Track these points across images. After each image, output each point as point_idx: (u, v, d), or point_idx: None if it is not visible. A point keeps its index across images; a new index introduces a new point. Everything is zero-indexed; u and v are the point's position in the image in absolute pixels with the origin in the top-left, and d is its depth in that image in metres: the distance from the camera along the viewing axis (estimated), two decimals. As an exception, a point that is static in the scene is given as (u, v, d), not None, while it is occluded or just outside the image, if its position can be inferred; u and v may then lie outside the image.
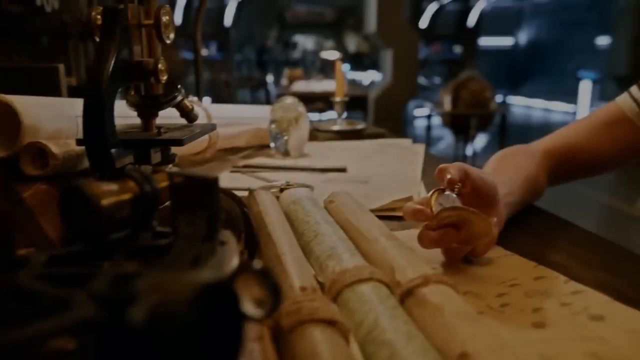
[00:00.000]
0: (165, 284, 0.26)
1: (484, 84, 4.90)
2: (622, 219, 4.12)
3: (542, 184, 0.80)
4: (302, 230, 0.62)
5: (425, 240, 0.57)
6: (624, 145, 0.82)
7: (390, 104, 5.26)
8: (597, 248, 0.64)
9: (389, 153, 1.18)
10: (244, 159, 1.14)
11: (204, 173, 0.39)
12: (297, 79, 5.73)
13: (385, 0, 5.12)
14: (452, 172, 0.60)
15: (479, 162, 5.45)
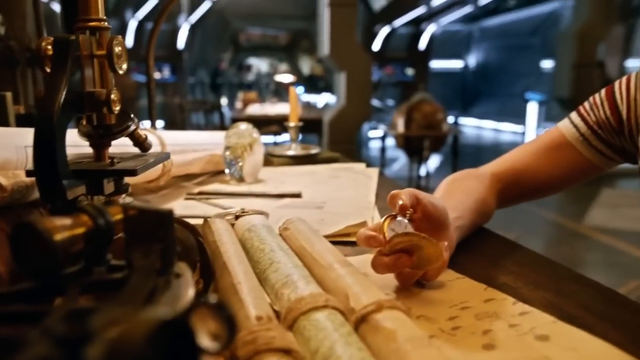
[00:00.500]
0: (122, 321, 0.26)
1: (436, 106, 5.01)
2: (570, 236, 4.25)
3: (491, 207, 0.83)
4: (258, 258, 0.62)
5: (379, 266, 0.58)
6: (566, 169, 0.85)
7: (344, 126, 5.32)
8: (544, 269, 0.67)
9: (343, 177, 1.20)
10: (198, 185, 1.14)
11: (158, 206, 0.39)
12: (251, 102, 5.74)
13: (338, 24, 5.20)
14: (404, 198, 0.61)
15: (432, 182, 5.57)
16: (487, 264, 0.69)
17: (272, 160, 1.34)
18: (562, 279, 0.63)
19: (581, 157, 0.84)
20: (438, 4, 11.68)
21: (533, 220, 4.41)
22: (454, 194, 0.78)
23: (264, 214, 0.81)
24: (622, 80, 0.83)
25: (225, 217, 0.79)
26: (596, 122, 0.83)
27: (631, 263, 3.51)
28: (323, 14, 5.34)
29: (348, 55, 5.27)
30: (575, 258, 3.70)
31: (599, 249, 3.90)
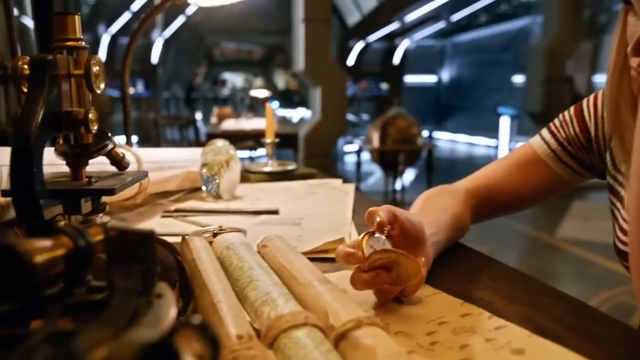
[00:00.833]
0: (107, 343, 0.26)
1: (411, 120, 5.06)
2: (543, 248, 4.31)
3: (466, 222, 0.85)
4: (237, 276, 0.62)
5: (358, 283, 0.59)
6: (538, 184, 0.87)
7: (320, 141, 5.34)
8: (518, 283, 0.68)
9: (320, 193, 1.21)
10: (175, 202, 1.14)
11: (136, 226, 0.39)
12: (226, 117, 5.73)
13: (313, 40, 5.24)
14: (381, 215, 0.62)
15: (407, 196, 5.60)
16: (463, 279, 0.70)
17: (249, 176, 1.35)
18: (536, 293, 0.64)
19: (552, 172, 0.86)
20: (411, 20, 11.85)
21: (507, 233, 4.47)
22: (430, 210, 0.79)
23: (241, 232, 0.81)
24: (589, 98, 0.85)
25: (203, 234, 0.79)
26: (566, 138, 0.85)
27: (602, 274, 3.57)
28: (298, 29, 5.38)
29: (323, 70, 5.31)
30: (548, 270, 3.76)
31: (571, 260, 3.96)
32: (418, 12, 11.06)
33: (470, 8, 11.31)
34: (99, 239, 0.43)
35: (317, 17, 5.25)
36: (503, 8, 11.93)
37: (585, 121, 0.84)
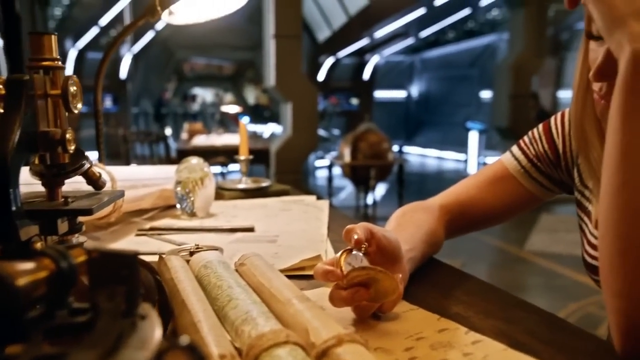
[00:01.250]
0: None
1: (382, 136, 5.11)
2: (512, 261, 4.38)
3: (440, 238, 0.86)
4: (215, 295, 0.62)
5: (337, 300, 0.59)
6: (509, 200, 0.89)
7: (291, 157, 5.35)
8: (492, 297, 0.70)
9: (295, 210, 1.21)
10: (149, 220, 1.13)
11: (121, 248, 0.40)
12: (197, 133, 5.70)
13: (283, 55, 5.27)
14: (359, 232, 0.63)
15: (379, 210, 5.63)
16: (439, 294, 0.71)
17: (223, 193, 1.35)
18: (510, 307, 0.66)
19: (523, 188, 0.89)
20: (381, 36, 12.00)
21: (477, 247, 4.53)
22: (405, 227, 0.80)
23: (218, 250, 0.81)
24: (557, 116, 0.88)
25: (179, 253, 0.79)
26: (535, 155, 0.88)
27: (570, 286, 3.64)
28: (268, 45, 5.40)
29: (294, 86, 5.33)
30: (517, 282, 3.81)
31: (540, 273, 4.03)
32: (387, 28, 11.21)
33: (439, 25, 11.52)
34: (81, 261, 0.43)
35: (287, 33, 5.29)
36: (470, 25, 12.17)
37: (554, 138, 0.86)
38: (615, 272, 0.52)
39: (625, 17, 0.51)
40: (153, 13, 1.16)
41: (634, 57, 0.51)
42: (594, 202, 0.78)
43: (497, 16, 10.90)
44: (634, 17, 0.51)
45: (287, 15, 5.26)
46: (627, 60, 0.51)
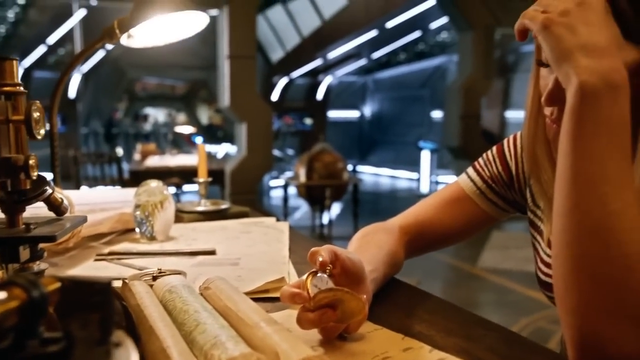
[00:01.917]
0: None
1: (336, 155, 5.16)
2: (465, 278, 4.47)
3: (401, 258, 0.88)
4: (182, 320, 0.62)
5: (304, 322, 0.60)
6: (466, 220, 0.93)
7: (246, 177, 5.34)
8: (453, 315, 0.72)
9: (255, 232, 1.22)
10: (107, 245, 1.11)
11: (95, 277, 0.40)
12: (150, 153, 5.63)
13: (238, 76, 5.28)
14: (324, 254, 0.65)
15: (334, 230, 5.64)
16: (402, 313, 0.73)
17: (182, 216, 1.34)
18: (470, 325, 0.68)
19: (478, 209, 0.92)
20: (334, 57, 12.15)
21: (432, 265, 4.60)
22: (367, 248, 0.82)
23: (181, 274, 0.81)
24: (510, 139, 0.92)
25: (142, 278, 0.79)
26: (490, 177, 0.91)
27: (521, 301, 3.74)
28: (223, 65, 5.40)
29: (248, 106, 5.34)
30: (471, 299, 3.89)
31: (492, 289, 4.12)
32: (340, 49, 11.37)
33: (390, 46, 11.75)
34: (52, 289, 0.43)
35: (242, 53, 5.31)
36: (421, 47, 12.47)
37: (507, 160, 0.90)
38: (569, 290, 0.55)
39: (572, 50, 0.55)
40: (111, 36, 1.16)
41: (580, 88, 0.54)
42: (546, 222, 0.81)
43: (447, 39, 11.20)
44: (580, 51, 0.55)
45: (241, 36, 5.29)
46: (575, 91, 0.55)
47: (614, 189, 0.54)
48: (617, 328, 0.52)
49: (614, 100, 0.54)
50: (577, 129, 0.55)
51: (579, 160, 0.55)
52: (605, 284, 0.53)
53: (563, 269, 0.56)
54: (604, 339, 0.53)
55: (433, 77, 12.93)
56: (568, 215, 0.56)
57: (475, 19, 6.44)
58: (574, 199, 0.55)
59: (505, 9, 6.49)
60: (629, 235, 0.53)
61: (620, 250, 0.53)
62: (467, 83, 6.59)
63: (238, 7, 5.25)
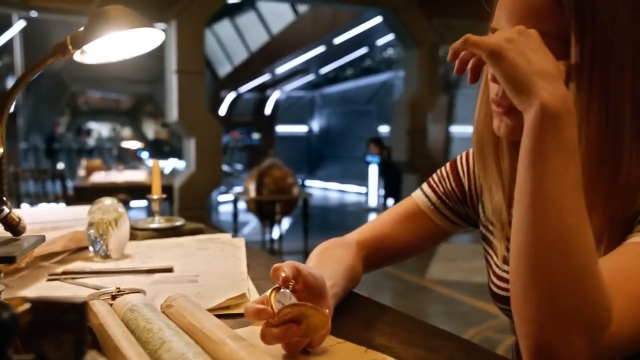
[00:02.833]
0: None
1: (286, 170, 5.17)
2: (414, 290, 4.54)
3: (359, 273, 0.90)
4: (146, 338, 0.62)
5: (269, 337, 0.61)
6: (421, 235, 0.95)
7: (195, 192, 5.29)
8: (412, 327, 0.74)
9: (212, 249, 1.22)
10: (60, 264, 1.09)
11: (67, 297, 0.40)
12: (96, 169, 5.50)
13: (186, 91, 5.24)
14: (286, 270, 0.66)
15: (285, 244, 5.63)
16: (362, 326, 0.75)
17: (136, 234, 1.32)
18: (429, 336, 0.71)
19: (433, 224, 0.95)
20: (282, 72, 12.20)
21: (381, 278, 4.65)
22: (326, 263, 0.84)
23: (141, 292, 0.80)
24: (462, 155, 0.96)
25: (100, 297, 0.78)
26: (444, 192, 0.95)
27: (469, 312, 3.82)
28: (171, 80, 5.35)
29: (197, 121, 5.31)
30: (421, 311, 3.96)
31: (441, 300, 4.20)
32: (288, 64, 11.43)
33: (338, 62, 11.89)
34: (22, 311, 0.42)
35: (190, 68, 5.28)
36: (367, 63, 12.67)
37: (460, 177, 0.94)
38: (527, 300, 0.58)
39: (530, 76, 0.59)
40: (64, 52, 1.14)
41: (543, 110, 0.58)
42: (496, 235, 0.85)
43: (392, 55, 11.42)
44: (538, 76, 0.59)
45: (189, 50, 5.26)
46: (537, 112, 0.58)
47: (571, 204, 0.57)
48: (571, 338, 0.55)
49: (570, 123, 0.58)
50: (538, 148, 0.58)
51: (538, 177, 0.58)
52: (562, 295, 0.56)
53: (522, 280, 0.59)
54: (557, 348, 0.56)
55: (380, 93, 13.15)
56: (528, 229, 0.58)
57: (421, 37, 6.61)
58: (534, 213, 0.58)
59: (448, 27, 6.69)
60: (584, 247, 0.56)
61: (576, 261, 0.56)
62: (414, 98, 6.74)
63: (186, 22, 5.23)
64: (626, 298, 0.58)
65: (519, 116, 0.63)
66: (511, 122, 0.70)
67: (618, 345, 0.56)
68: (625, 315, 0.57)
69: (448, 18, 6.64)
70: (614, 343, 0.56)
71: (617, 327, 0.56)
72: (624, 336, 0.57)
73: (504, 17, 0.70)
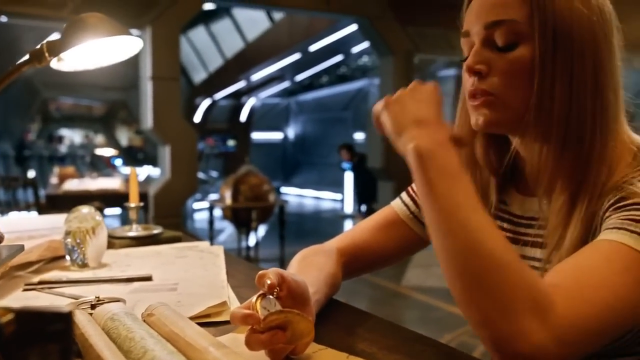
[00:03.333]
0: None
1: (262, 177, 5.16)
2: (391, 297, 4.56)
3: (339, 279, 0.91)
4: (128, 347, 0.62)
5: (254, 343, 0.62)
6: (400, 242, 0.97)
7: (170, 200, 5.25)
8: (393, 333, 0.75)
9: (190, 257, 1.21)
10: (36, 274, 1.07)
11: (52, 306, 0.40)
12: (69, 177, 5.42)
13: (161, 98, 5.20)
14: (271, 277, 0.67)
15: (261, 252, 5.61)
16: (343, 333, 0.75)
17: (114, 242, 1.31)
18: (409, 341, 0.72)
19: (412, 232, 0.96)
20: (257, 79, 12.18)
21: (358, 285, 4.66)
22: (308, 270, 0.84)
23: (120, 301, 0.80)
24: None
25: (79, 307, 0.77)
26: (422, 200, 0.96)
27: (445, 317, 3.85)
28: (145, 86, 5.30)
29: (172, 128, 5.27)
30: (397, 317, 3.97)
31: (417, 306, 4.23)
32: (264, 72, 11.42)
33: (313, 69, 11.92)
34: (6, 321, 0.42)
35: (165, 75, 5.24)
36: (342, 70, 12.73)
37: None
38: (469, 305, 0.61)
39: (406, 124, 0.70)
40: (40, 59, 1.13)
41: (416, 150, 0.67)
42: None
43: (367, 62, 11.49)
44: (413, 124, 0.69)
45: (164, 57, 5.22)
46: (411, 156, 0.67)
47: (468, 213, 0.63)
48: (520, 323, 0.57)
49: (446, 153, 0.66)
50: (424, 178, 0.66)
51: (434, 201, 0.65)
52: (494, 290, 0.59)
53: (457, 289, 0.62)
54: (512, 339, 0.57)
55: (355, 100, 13.21)
56: (441, 244, 0.64)
57: (395, 45, 6.66)
58: (441, 227, 0.64)
59: (422, 35, 6.76)
60: (494, 243, 0.61)
61: (493, 257, 0.60)
62: (389, 106, 6.78)
63: (161, 28, 5.19)
64: (572, 281, 0.61)
65: (495, 107, 0.74)
66: (489, 113, 0.76)
67: (571, 328, 0.58)
68: (570, 296, 0.59)
69: (422, 27, 6.71)
70: (566, 323, 0.58)
71: (563, 308, 0.58)
72: (573, 317, 0.58)
73: (473, 15, 0.77)
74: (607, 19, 0.73)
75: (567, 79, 0.71)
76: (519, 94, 0.73)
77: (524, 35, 0.72)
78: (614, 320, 0.61)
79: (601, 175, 0.71)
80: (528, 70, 0.72)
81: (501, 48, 0.74)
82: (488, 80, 0.75)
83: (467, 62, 0.76)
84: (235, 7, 9.65)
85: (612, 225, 0.65)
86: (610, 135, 0.72)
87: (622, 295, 0.60)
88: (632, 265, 0.61)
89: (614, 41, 0.74)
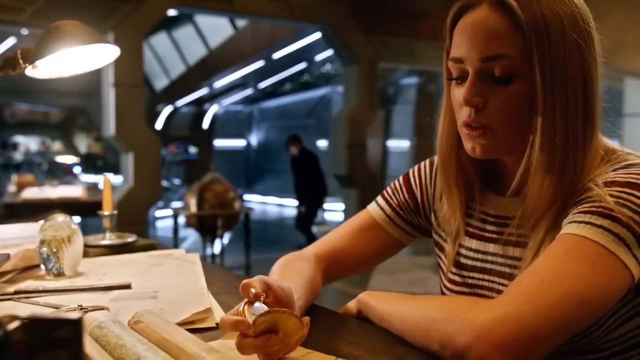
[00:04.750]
0: None
1: (227, 185, 5.14)
2: (357, 303, 4.58)
3: (319, 285, 0.93)
4: (120, 355, 0.63)
5: (247, 348, 0.63)
6: (377, 246, 0.99)
7: (134, 208, 5.17)
8: (375, 336, 0.77)
9: (167, 265, 1.21)
10: (10, 284, 1.06)
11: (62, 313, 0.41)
12: (28, 185, 5.29)
13: (124, 105, 5.13)
14: (256, 285, 0.68)
15: (227, 259, 5.56)
16: (327, 336, 0.77)
17: (88, 251, 1.30)
18: (392, 344, 0.74)
19: (388, 235, 0.99)
20: (220, 86, 12.12)
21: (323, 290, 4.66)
22: (290, 276, 0.86)
23: (105, 309, 0.80)
24: (415, 169, 1.01)
25: (63, 316, 0.77)
26: (398, 204, 0.99)
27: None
28: (107, 93, 5.22)
29: (135, 136, 5.20)
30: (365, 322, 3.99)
31: (383, 312, 4.25)
32: (227, 79, 11.37)
33: (276, 77, 11.93)
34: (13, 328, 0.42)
35: (128, 82, 5.17)
36: (305, 78, 12.78)
37: (413, 189, 0.98)
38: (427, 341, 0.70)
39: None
40: (14, 66, 1.12)
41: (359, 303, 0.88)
42: (449, 242, 0.90)
43: (330, 70, 11.57)
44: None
45: (127, 64, 5.14)
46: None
47: (416, 306, 0.75)
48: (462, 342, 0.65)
49: (372, 311, 0.85)
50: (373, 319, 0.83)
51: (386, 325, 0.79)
52: (440, 331, 0.68)
53: (414, 335, 0.73)
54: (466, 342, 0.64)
55: (318, 107, 13.26)
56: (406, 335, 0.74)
57: (359, 53, 6.73)
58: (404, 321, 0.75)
59: (385, 44, 6.84)
60: (437, 313, 0.70)
61: (432, 322, 0.70)
62: (353, 114, 6.84)
63: (124, 35, 5.13)
64: (522, 279, 0.68)
65: (492, 138, 0.76)
66: (485, 142, 0.77)
67: (515, 323, 0.62)
68: (515, 294, 0.66)
69: (385, 36, 6.80)
70: (506, 319, 0.63)
71: (505, 306, 0.64)
72: (513, 312, 0.63)
73: (465, 44, 0.76)
74: (593, 37, 0.76)
75: (564, 115, 0.73)
76: (516, 126, 0.76)
77: (520, 70, 0.74)
78: (576, 310, 0.64)
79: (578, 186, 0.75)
80: (525, 104, 0.74)
81: (498, 80, 0.75)
82: (486, 113, 0.76)
83: (465, 96, 0.76)
84: (198, 14, 9.59)
85: (566, 221, 0.71)
86: (594, 152, 0.76)
87: (578, 286, 0.64)
88: (577, 251, 0.67)
89: (597, 59, 0.76)
